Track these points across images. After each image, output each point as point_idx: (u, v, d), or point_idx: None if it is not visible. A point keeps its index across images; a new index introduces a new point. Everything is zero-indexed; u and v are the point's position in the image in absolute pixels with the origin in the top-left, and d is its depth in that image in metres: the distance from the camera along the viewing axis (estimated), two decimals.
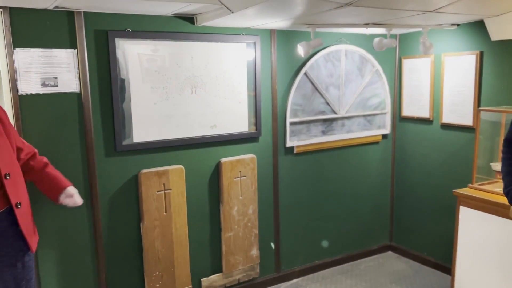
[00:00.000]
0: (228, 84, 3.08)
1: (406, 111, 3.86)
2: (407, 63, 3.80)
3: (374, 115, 3.84)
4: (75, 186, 2.63)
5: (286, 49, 3.32)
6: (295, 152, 3.47)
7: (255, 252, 3.31)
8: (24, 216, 2.08)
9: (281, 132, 3.39)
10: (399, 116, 3.94)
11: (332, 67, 3.52)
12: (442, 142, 3.58)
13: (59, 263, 2.64)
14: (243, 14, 2.45)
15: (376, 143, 3.93)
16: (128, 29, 2.66)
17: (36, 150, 2.32)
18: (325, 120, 3.56)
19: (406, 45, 3.81)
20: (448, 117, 3.48)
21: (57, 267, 2.64)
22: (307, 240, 3.67)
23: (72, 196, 2.34)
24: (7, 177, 1.99)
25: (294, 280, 3.62)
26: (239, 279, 3.29)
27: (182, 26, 2.85)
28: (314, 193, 3.65)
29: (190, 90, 2.94)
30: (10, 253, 2.03)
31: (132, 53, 2.70)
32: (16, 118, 2.42)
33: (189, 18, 2.86)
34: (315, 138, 3.53)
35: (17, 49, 2.39)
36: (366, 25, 3.00)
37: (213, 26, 2.92)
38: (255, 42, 3.12)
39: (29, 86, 2.45)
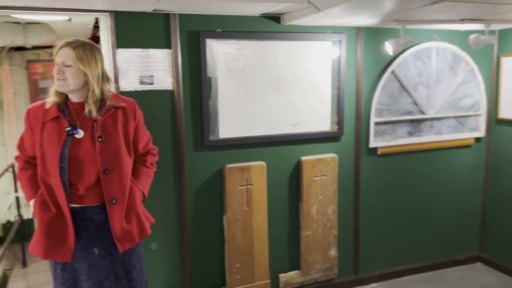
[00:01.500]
0: (311, 83, 3.08)
1: (504, 113, 3.56)
2: (506, 62, 3.50)
3: (467, 116, 3.60)
4: (166, 178, 2.81)
5: (373, 47, 3.23)
6: (378, 153, 3.38)
7: (333, 252, 3.28)
8: (118, 213, 2.04)
9: (364, 132, 3.31)
10: (495, 118, 3.65)
11: (421, 66, 3.35)
12: None
13: (148, 248, 2.84)
14: (330, 12, 2.44)
15: (468, 146, 3.68)
16: (218, 30, 2.78)
17: (149, 149, 2.31)
18: (412, 121, 3.41)
19: (506, 41, 3.51)
20: None
21: (145, 251, 2.83)
22: (388, 244, 3.55)
23: None
24: (106, 172, 2.00)
25: (373, 285, 3.52)
26: (316, 278, 3.29)
27: (268, 26, 2.90)
28: (398, 196, 3.52)
29: (273, 88, 2.99)
30: (104, 246, 2.06)
31: (219, 53, 2.81)
32: None
33: (275, 18, 2.91)
34: (400, 139, 3.40)
35: (120, 49, 2.61)
36: (462, 21, 2.82)
37: (299, 25, 2.94)
38: (340, 40, 3.09)
39: (129, 83, 2.66)
